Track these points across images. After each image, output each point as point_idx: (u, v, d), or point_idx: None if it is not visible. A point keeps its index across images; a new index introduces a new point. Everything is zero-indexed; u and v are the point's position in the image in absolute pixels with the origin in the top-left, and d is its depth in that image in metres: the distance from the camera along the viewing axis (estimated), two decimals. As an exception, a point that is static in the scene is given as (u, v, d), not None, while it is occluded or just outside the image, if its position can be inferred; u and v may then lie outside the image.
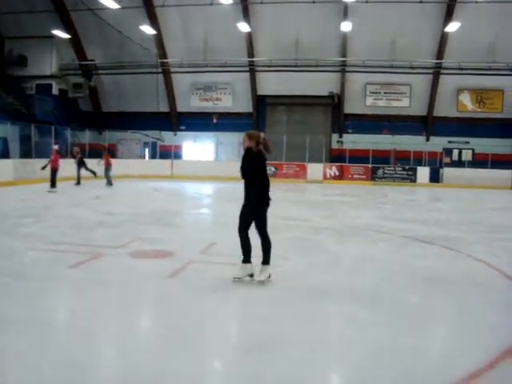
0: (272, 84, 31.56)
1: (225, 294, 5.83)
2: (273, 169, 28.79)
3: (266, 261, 6.23)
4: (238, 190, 6.53)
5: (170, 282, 6.23)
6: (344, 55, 30.16)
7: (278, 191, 21.40)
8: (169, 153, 31.40)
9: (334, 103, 32.40)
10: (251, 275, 6.19)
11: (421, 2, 24.05)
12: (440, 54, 29.85)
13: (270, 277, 6.19)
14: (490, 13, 26.19)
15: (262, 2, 25.06)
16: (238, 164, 6.40)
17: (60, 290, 5.84)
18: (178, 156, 32.34)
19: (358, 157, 30.53)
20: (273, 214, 6.44)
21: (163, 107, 33.47)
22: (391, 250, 8.97)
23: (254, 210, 6.23)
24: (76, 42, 31.15)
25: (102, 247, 8.19)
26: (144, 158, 34.09)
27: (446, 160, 31.71)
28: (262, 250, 6.25)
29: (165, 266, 6.93)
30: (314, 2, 24.22)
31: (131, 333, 4.62)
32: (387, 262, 7.82)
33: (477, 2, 23.09)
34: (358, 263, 7.64)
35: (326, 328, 4.91)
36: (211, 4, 23.85)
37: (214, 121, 33.17)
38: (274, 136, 30.83)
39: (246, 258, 6.20)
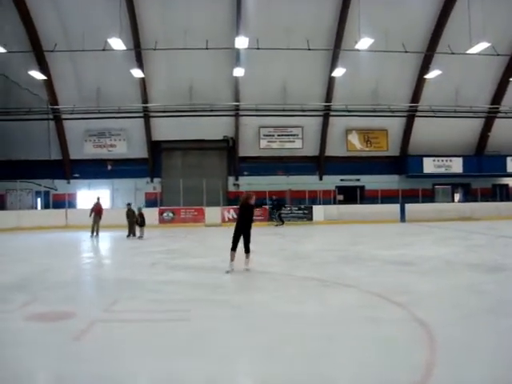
0: (167, 129, 31.66)
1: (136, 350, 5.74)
2: (170, 214, 28.69)
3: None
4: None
5: (76, 345, 5.97)
6: (237, 100, 30.91)
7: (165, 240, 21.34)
8: (62, 202, 30.36)
9: (229, 147, 32.99)
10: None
11: (309, 50, 25.29)
12: (328, 97, 31.42)
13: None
14: (372, 60, 27.93)
15: (155, 49, 25.36)
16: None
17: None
18: (72, 205, 31.33)
19: (255, 198, 30.99)
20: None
21: (55, 155, 32.45)
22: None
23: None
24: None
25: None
26: (36, 208, 32.74)
27: (340, 197, 32.97)
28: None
29: (67, 328, 6.51)
30: (207, 49, 24.79)
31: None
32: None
33: (359, 51, 24.47)
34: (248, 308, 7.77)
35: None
36: (104, 50, 23.72)
37: (109, 167, 32.63)
38: (170, 181, 30.97)
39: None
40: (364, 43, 22.60)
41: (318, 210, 30.54)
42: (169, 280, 10.08)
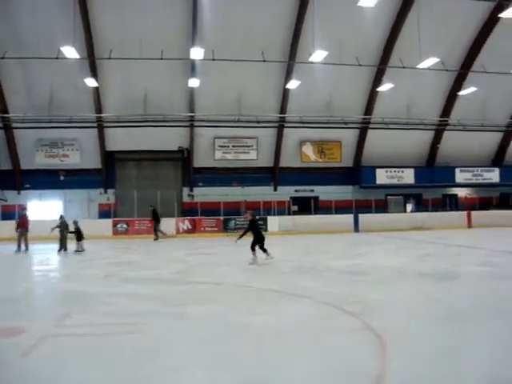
0: (121, 140, 31.29)
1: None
2: (124, 226, 28.34)
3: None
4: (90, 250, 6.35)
5: (24, 361, 5.79)
6: (192, 110, 30.83)
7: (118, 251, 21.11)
8: (13, 213, 29.59)
9: (183, 157, 32.84)
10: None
11: (264, 62, 25.48)
12: (283, 108, 31.68)
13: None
14: (326, 72, 28.29)
15: (109, 58, 25.07)
16: (90, 221, 6.35)
17: None
18: (22, 216, 30.52)
19: (210, 209, 30.99)
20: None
21: (5, 165, 31.60)
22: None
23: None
24: None
25: None
26: (-15, 219, 31.79)
27: (294, 208, 33.20)
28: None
29: (15, 344, 6.27)
30: (161, 59, 24.68)
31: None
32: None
33: (313, 63, 24.78)
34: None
35: None
36: (57, 58, 23.26)
37: (61, 178, 31.99)
38: (124, 192, 30.63)
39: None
40: (318, 56, 22.88)
41: (273, 221, 30.67)
42: (122, 292, 9.93)
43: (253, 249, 14.56)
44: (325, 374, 5.04)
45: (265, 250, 14.74)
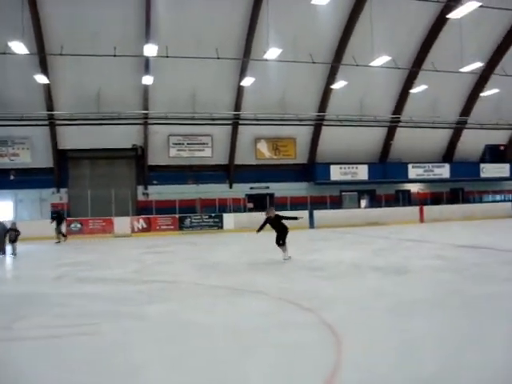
0: (74, 138, 30.60)
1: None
2: (78, 225, 27.86)
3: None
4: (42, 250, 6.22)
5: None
6: (146, 108, 30.49)
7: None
8: (-40, 214, 28.76)
9: (137, 155, 32.44)
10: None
11: (218, 59, 25.41)
12: (238, 106, 31.63)
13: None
14: (280, 69, 28.38)
15: (61, 54, 24.54)
16: (41, 222, 6.23)
17: None
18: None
19: (165, 208, 30.69)
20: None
21: (-46, 164, 30.69)
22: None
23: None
24: None
25: None
26: None
27: (249, 205, 33.23)
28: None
29: None
30: (115, 56, 24.31)
31: None
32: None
33: (267, 60, 24.83)
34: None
35: None
36: (4, 53, 22.65)
37: (12, 177, 31.15)
38: (77, 191, 30.09)
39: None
40: (272, 53, 22.93)
41: (229, 218, 30.63)
42: (76, 293, 9.76)
43: (278, 244, 14.38)
44: (281, 370, 5.08)
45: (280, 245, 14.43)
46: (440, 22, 29.90)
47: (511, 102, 36.20)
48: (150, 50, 22.48)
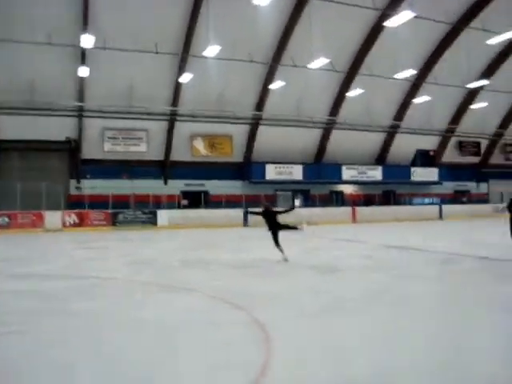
0: (3, 128, 29.50)
1: None
2: (6, 219, 26.94)
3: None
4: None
5: None
6: (82, 100, 29.83)
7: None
8: None
9: (71, 148, 31.66)
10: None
11: (157, 53, 25.12)
12: (175, 101, 31.45)
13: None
14: (219, 67, 28.47)
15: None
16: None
17: None
18: None
19: (98, 202, 30.10)
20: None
21: None
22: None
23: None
24: None
25: None
26: None
27: (184, 202, 33.06)
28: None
29: None
30: (49, 44, 23.61)
31: None
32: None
33: (206, 57, 24.77)
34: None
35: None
36: None
37: None
38: (6, 183, 28.90)
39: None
40: (211, 50, 22.92)
41: (163, 215, 30.40)
42: (4, 290, 9.42)
43: (277, 245, 13.50)
44: (209, 368, 5.07)
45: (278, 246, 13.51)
46: (377, 28, 30.65)
47: (441, 110, 37.72)
48: (87, 40, 22.00)
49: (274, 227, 13.81)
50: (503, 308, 7.61)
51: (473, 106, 37.64)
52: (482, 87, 34.17)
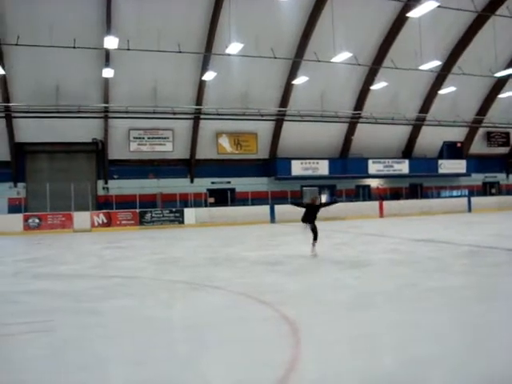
0: (32, 131, 29.91)
1: None
2: (36, 220, 27.36)
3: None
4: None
5: None
6: (107, 101, 30.08)
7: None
8: None
9: (98, 150, 31.96)
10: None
11: (180, 52, 25.18)
12: (199, 100, 31.50)
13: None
14: (242, 64, 28.47)
15: (17, 44, 23.82)
16: None
17: None
18: None
19: (126, 202, 30.38)
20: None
21: None
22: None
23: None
24: None
25: None
26: None
27: (211, 200, 33.16)
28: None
29: None
30: (74, 47, 23.83)
31: None
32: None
33: (229, 55, 24.78)
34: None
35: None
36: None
37: (-32, 171, 30.36)
38: (35, 185, 29.48)
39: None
40: (234, 48, 22.90)
41: (190, 213, 30.52)
42: (32, 290, 9.59)
43: (314, 239, 13.70)
44: (240, 365, 5.09)
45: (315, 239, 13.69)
46: (400, 20, 30.27)
47: (467, 101, 37.12)
48: (111, 42, 22.13)
49: (314, 221, 13.90)
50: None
51: (501, 96, 36.97)
52: (509, 76, 33.52)
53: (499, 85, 37.03)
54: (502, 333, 6.01)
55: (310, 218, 13.93)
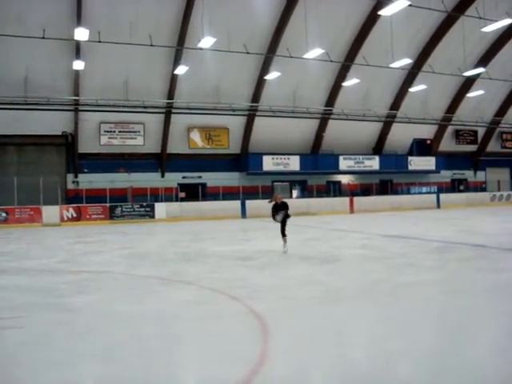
0: (0, 123, 29.39)
1: None
2: (3, 214, 26.93)
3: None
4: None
5: None
6: (77, 94, 29.71)
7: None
8: None
9: (68, 143, 31.57)
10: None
11: (152, 46, 24.96)
12: (171, 94, 31.35)
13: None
14: (214, 59, 28.44)
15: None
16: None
17: None
18: None
19: (96, 196, 30.07)
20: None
21: None
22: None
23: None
24: None
25: None
26: None
27: (182, 195, 33.04)
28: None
29: None
30: (43, 38, 23.42)
31: None
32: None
33: (201, 49, 24.67)
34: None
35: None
36: None
37: None
38: (3, 179, 28.83)
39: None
40: (207, 42, 22.81)
41: (160, 208, 30.40)
42: (0, 285, 9.46)
43: (283, 235, 13.62)
44: (209, 359, 5.11)
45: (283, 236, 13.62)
46: (372, 18, 30.57)
47: (437, 99, 37.68)
48: (81, 34, 21.82)
49: (284, 220, 13.78)
50: (498, 294, 7.68)
51: (469, 94, 37.64)
52: (478, 75, 34.08)
53: (468, 84, 37.68)
54: (474, 326, 6.14)
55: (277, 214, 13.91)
